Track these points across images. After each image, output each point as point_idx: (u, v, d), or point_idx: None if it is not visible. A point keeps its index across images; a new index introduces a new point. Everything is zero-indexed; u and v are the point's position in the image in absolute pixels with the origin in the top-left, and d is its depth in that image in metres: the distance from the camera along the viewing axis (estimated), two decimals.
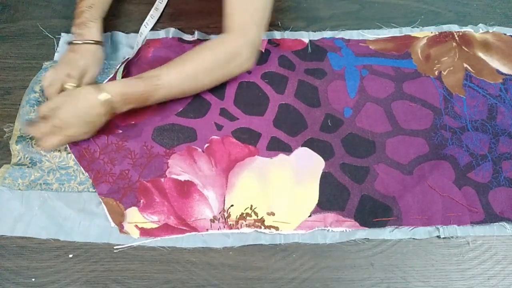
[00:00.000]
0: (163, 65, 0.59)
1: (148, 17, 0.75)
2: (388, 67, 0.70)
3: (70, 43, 0.63)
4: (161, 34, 0.73)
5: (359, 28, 0.75)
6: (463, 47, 0.73)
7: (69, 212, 0.57)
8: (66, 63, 0.60)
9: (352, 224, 0.57)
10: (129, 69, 0.68)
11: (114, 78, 0.67)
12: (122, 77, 0.67)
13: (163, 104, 0.65)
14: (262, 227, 0.56)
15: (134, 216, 0.57)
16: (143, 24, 0.74)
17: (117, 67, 0.68)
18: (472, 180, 0.60)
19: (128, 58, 0.68)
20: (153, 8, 0.76)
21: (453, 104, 0.67)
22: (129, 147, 0.61)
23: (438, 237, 0.56)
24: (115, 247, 0.55)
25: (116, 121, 0.64)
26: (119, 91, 0.56)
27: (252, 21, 0.59)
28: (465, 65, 0.71)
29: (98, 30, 0.64)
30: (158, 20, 0.76)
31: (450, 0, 0.80)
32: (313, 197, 0.59)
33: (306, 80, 0.69)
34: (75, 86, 0.59)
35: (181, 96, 0.63)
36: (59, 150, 0.60)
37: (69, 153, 0.61)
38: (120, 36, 0.73)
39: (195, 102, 0.66)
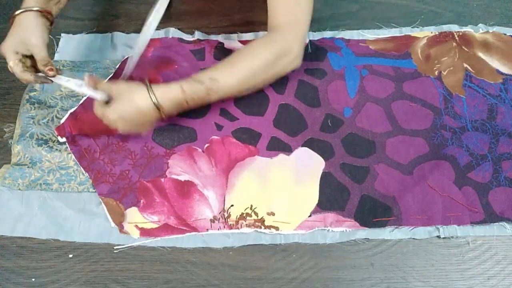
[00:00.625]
0: (216, 65, 0.57)
1: (151, 17, 0.74)
2: (388, 67, 0.70)
3: (12, 15, 0.56)
4: (161, 34, 0.73)
5: (359, 28, 0.75)
6: (463, 47, 0.73)
7: (69, 212, 0.57)
8: (9, 40, 0.55)
9: (352, 224, 0.57)
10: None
11: (114, 77, 0.67)
12: (115, 74, 0.66)
13: None
14: (262, 227, 0.56)
15: (134, 216, 0.57)
16: (146, 24, 0.73)
17: (117, 67, 0.68)
18: (472, 180, 0.60)
19: (127, 57, 0.69)
20: (155, 10, 0.75)
21: (453, 104, 0.67)
22: (129, 147, 0.61)
23: (438, 237, 0.56)
24: (115, 247, 0.55)
25: None
26: (171, 97, 0.54)
27: (301, 16, 0.58)
28: (465, 65, 0.71)
29: None
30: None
31: (450, 0, 0.80)
32: (313, 197, 0.59)
33: (306, 80, 0.69)
34: (20, 61, 0.54)
35: (237, 96, 0.62)
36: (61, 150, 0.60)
37: (69, 153, 0.61)
38: (120, 36, 0.73)
39: None
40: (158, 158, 0.61)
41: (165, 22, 0.75)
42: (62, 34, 0.73)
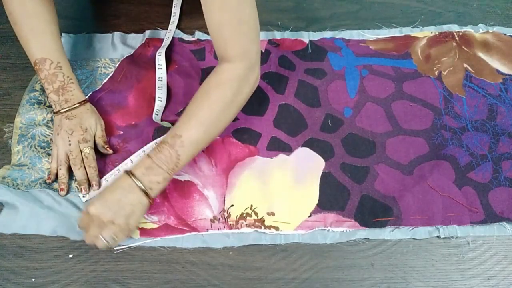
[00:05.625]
0: (178, 121, 0.53)
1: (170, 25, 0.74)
2: (388, 67, 0.70)
3: (57, 112, 0.58)
4: (161, 34, 0.73)
5: (359, 28, 0.75)
6: (463, 47, 0.73)
7: (69, 212, 0.57)
8: (72, 131, 0.57)
9: (352, 224, 0.57)
10: (128, 69, 0.68)
11: (113, 77, 0.67)
12: (114, 74, 0.67)
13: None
14: (262, 227, 0.56)
15: None
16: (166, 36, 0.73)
17: (116, 66, 0.68)
18: (472, 180, 0.60)
19: (126, 56, 0.69)
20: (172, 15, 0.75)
21: (453, 104, 0.67)
22: (130, 149, 0.61)
23: (438, 237, 0.56)
24: (115, 248, 0.55)
25: (117, 122, 0.64)
26: (140, 165, 0.52)
27: (250, 42, 0.53)
28: (465, 65, 0.71)
29: (80, 90, 0.60)
30: (158, 20, 0.76)
31: (450, 0, 0.80)
32: (313, 197, 0.59)
33: (306, 80, 0.69)
34: (92, 148, 0.58)
35: (209, 143, 0.57)
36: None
37: None
38: (120, 36, 0.73)
39: None
40: None
41: (164, 22, 0.76)
42: (62, 34, 0.73)
